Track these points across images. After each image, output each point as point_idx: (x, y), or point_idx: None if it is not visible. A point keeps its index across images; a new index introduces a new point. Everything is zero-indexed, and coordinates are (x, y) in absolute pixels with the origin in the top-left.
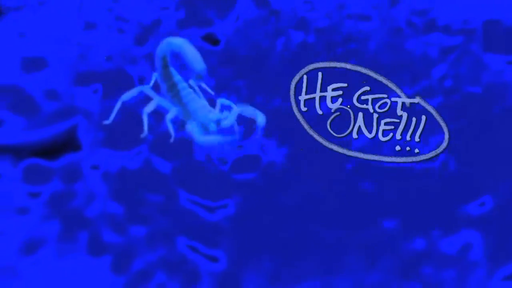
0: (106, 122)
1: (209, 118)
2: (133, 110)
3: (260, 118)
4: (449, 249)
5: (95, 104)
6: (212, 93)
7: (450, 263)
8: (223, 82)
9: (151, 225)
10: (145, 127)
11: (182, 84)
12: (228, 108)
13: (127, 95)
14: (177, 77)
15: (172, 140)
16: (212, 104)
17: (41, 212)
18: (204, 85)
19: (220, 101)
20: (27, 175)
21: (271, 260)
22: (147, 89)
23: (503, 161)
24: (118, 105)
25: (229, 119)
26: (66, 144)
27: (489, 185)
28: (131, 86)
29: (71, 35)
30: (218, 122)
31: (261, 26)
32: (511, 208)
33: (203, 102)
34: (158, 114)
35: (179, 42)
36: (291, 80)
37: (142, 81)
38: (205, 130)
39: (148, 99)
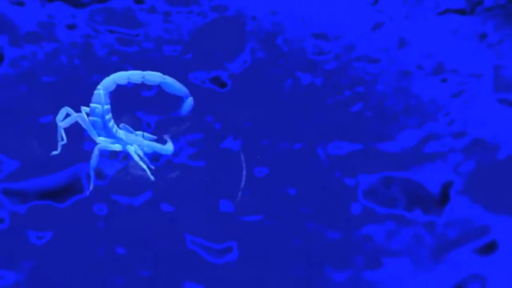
0: (54, 153)
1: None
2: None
3: (168, 147)
4: None
5: None
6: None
7: None
8: (229, 124)
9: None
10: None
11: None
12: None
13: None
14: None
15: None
16: None
17: None
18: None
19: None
20: None
21: None
22: (81, 117)
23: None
24: (61, 135)
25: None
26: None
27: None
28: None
29: None
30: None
31: (270, 68)
32: None
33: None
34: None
35: (158, 74)
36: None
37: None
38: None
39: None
